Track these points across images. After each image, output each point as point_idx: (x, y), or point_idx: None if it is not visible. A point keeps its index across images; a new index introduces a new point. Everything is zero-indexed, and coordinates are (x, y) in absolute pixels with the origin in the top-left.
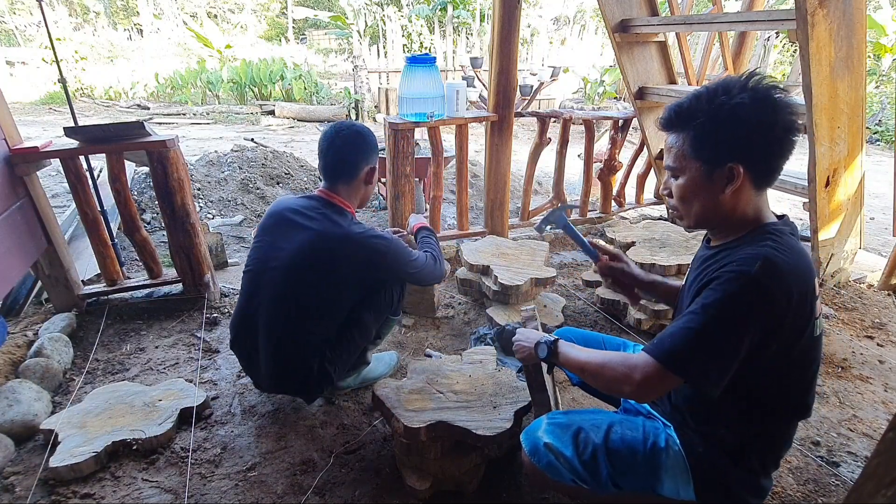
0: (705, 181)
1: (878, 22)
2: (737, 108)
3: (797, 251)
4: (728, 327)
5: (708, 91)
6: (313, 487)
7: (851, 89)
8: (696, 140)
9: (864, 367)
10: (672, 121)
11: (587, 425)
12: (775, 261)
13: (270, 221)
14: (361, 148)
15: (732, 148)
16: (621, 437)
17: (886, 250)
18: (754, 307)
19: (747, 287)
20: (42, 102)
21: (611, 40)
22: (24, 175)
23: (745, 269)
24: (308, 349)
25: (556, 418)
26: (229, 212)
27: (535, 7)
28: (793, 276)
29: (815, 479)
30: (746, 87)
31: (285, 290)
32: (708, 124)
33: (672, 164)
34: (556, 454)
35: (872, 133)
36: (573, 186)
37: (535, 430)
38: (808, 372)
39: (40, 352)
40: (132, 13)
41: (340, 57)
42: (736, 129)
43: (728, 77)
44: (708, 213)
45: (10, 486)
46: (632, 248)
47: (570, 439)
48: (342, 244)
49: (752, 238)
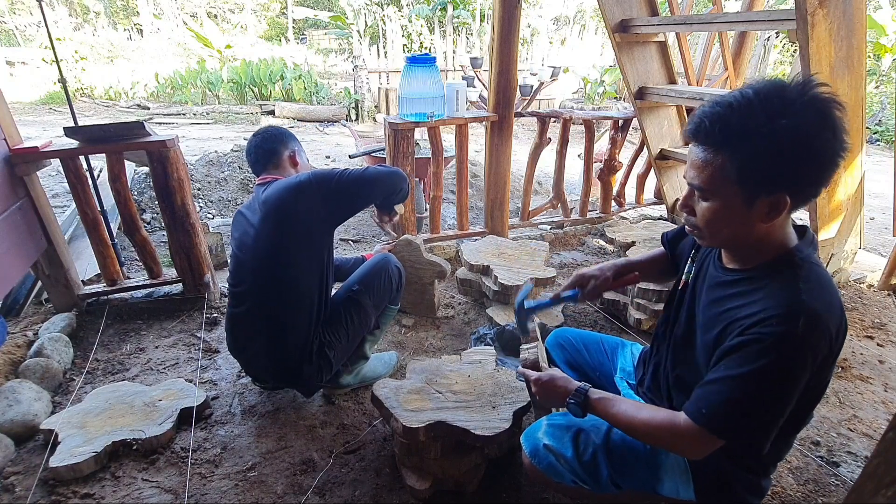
0: (743, 209)
1: (878, 22)
2: (800, 131)
3: (827, 284)
4: (781, 395)
5: (762, 105)
6: (313, 487)
7: (851, 89)
8: (745, 165)
9: (864, 367)
10: (711, 135)
11: (587, 426)
12: (817, 310)
13: (232, 227)
14: (277, 139)
15: (784, 178)
16: (622, 438)
17: (886, 250)
18: (805, 367)
19: (798, 352)
20: (42, 102)
21: (611, 40)
22: (24, 175)
23: (791, 332)
24: (304, 329)
25: (555, 420)
26: (229, 212)
27: (535, 7)
28: (832, 318)
29: (815, 479)
30: (808, 104)
31: (264, 270)
32: (765, 150)
33: (702, 185)
34: (556, 455)
35: (872, 133)
36: (573, 186)
37: (536, 432)
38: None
39: (40, 352)
40: (132, 13)
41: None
42: (798, 156)
43: (780, 84)
44: (738, 240)
45: (10, 486)
46: (632, 248)
47: (571, 441)
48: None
49: (778, 270)
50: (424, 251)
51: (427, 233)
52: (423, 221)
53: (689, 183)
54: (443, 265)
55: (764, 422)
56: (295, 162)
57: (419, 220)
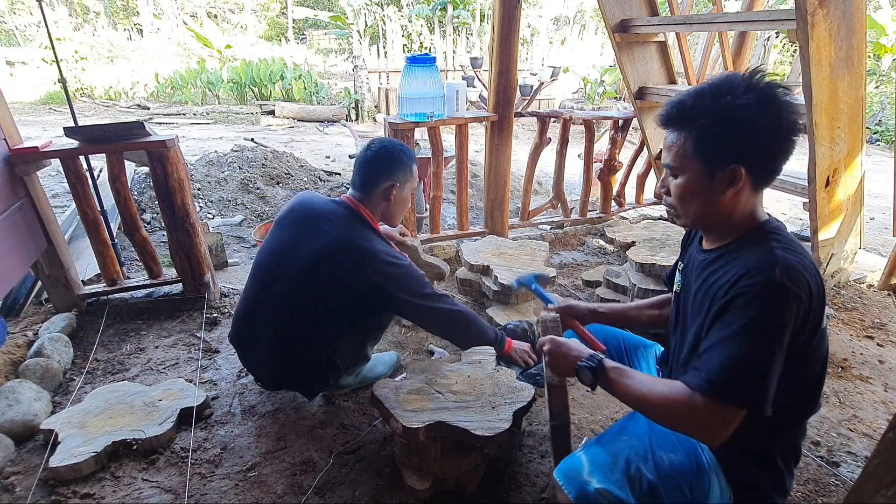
0: (706, 182)
1: (878, 22)
2: (741, 108)
3: (799, 247)
4: (772, 343)
5: (711, 89)
6: (313, 487)
7: (851, 89)
8: (698, 140)
9: (864, 367)
10: (673, 118)
11: (633, 455)
12: (791, 262)
13: (293, 216)
14: (383, 164)
15: (735, 150)
16: (670, 464)
17: (886, 250)
18: (788, 314)
19: (779, 297)
20: (42, 102)
21: (611, 40)
22: (24, 175)
23: (770, 279)
24: (316, 345)
25: (596, 456)
26: (229, 212)
27: (535, 7)
28: (807, 271)
29: (815, 479)
30: (751, 87)
31: (297, 290)
32: (711, 125)
33: (671, 163)
34: (609, 500)
35: (872, 133)
36: (573, 186)
37: (579, 473)
38: (823, 366)
39: (40, 352)
40: (132, 13)
41: (340, 57)
42: (740, 130)
43: (730, 74)
44: (707, 214)
45: (10, 486)
46: (632, 248)
47: (623, 478)
48: (363, 257)
49: (752, 239)
50: (422, 253)
51: (427, 233)
52: (423, 221)
53: (662, 164)
54: (441, 266)
55: (769, 375)
56: (388, 196)
57: (419, 220)
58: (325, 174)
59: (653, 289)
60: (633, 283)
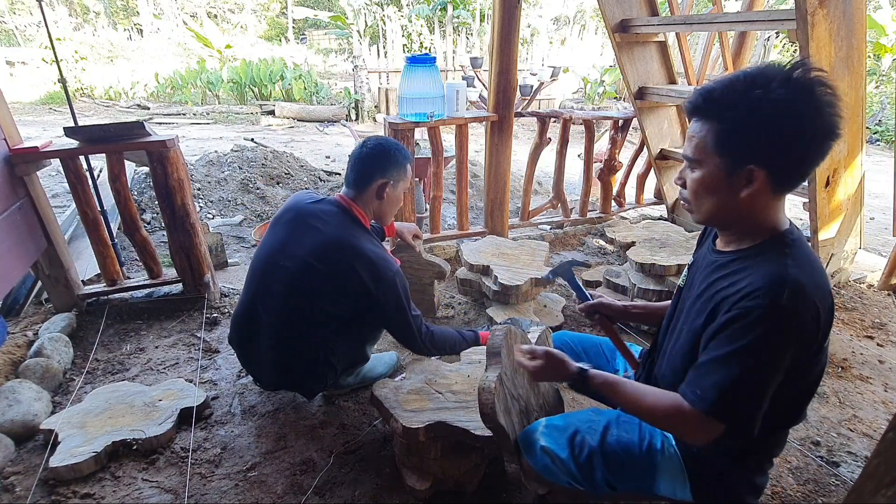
0: (723, 179)
1: (878, 22)
2: (772, 104)
3: (815, 263)
4: (769, 368)
5: (746, 79)
6: (313, 487)
7: (851, 89)
8: (720, 134)
9: (864, 367)
10: (699, 107)
11: (584, 427)
12: (802, 283)
13: (288, 216)
14: (378, 160)
15: (756, 149)
16: (617, 439)
17: (886, 250)
18: (791, 339)
19: (782, 321)
20: (42, 102)
21: (611, 40)
22: (24, 175)
23: (776, 302)
24: (314, 345)
25: (554, 421)
26: (229, 212)
27: (535, 7)
28: (818, 294)
29: (815, 479)
30: (788, 81)
31: (293, 291)
32: (736, 119)
33: (690, 155)
34: (551, 457)
35: (872, 133)
36: (573, 186)
37: (533, 433)
38: (818, 378)
39: (40, 352)
40: (132, 13)
41: (340, 57)
42: (768, 129)
43: (769, 66)
44: (721, 213)
45: (10, 486)
46: (632, 248)
47: (567, 442)
48: (353, 256)
49: (767, 249)
50: (423, 252)
51: (427, 233)
52: (423, 221)
53: (681, 155)
54: (442, 266)
55: (753, 398)
56: (382, 194)
57: (419, 220)
58: (325, 174)
59: (653, 289)
60: (632, 283)
